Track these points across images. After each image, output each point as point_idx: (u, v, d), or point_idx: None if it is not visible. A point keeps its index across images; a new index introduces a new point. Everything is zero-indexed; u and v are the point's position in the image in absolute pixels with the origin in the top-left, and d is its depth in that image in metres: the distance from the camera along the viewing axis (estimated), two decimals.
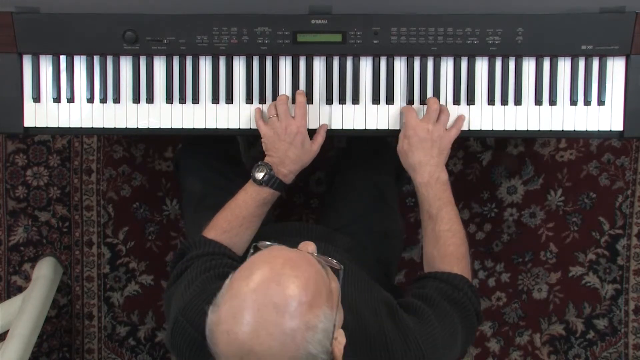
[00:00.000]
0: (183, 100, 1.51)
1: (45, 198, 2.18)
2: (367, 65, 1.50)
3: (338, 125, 1.51)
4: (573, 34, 1.46)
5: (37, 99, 1.52)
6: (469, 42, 1.47)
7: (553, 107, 1.50)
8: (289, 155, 1.44)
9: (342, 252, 1.47)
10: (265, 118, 1.48)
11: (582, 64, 1.49)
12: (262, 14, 1.46)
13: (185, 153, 1.77)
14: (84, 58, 1.51)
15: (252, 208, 1.44)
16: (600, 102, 1.50)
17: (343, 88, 1.51)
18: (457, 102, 1.51)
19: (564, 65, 1.49)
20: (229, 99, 1.51)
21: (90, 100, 1.52)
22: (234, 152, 1.88)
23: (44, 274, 2.08)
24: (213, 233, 1.42)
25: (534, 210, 2.19)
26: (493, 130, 1.52)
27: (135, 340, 2.24)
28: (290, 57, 1.50)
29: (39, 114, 1.52)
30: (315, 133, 1.49)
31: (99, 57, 1.51)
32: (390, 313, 1.27)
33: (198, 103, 1.52)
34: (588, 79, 1.49)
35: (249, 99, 1.51)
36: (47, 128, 1.53)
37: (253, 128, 1.51)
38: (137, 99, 1.51)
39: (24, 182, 2.18)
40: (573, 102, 1.50)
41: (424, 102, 1.49)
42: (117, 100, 1.52)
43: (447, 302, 1.33)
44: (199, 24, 1.47)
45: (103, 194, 2.18)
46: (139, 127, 1.53)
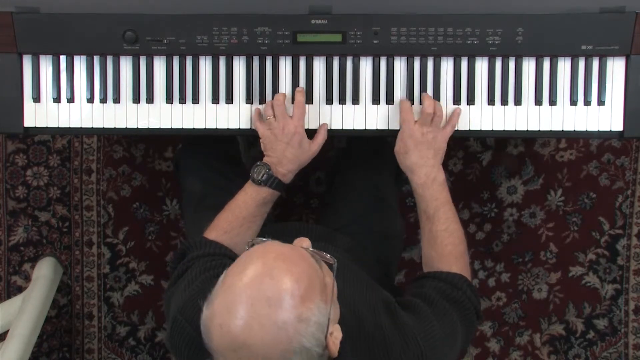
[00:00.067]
0: (183, 100, 1.51)
1: (45, 198, 2.18)
2: (367, 65, 1.50)
3: (338, 125, 1.51)
4: (573, 34, 1.46)
5: (37, 99, 1.52)
6: (469, 42, 1.47)
7: (553, 107, 1.50)
8: (287, 155, 1.44)
9: (342, 252, 1.47)
10: (264, 118, 1.48)
11: (582, 64, 1.49)
12: (262, 14, 1.46)
13: (185, 153, 1.77)
14: (84, 58, 1.51)
15: (252, 208, 1.44)
16: (600, 102, 1.50)
17: (343, 88, 1.51)
18: (457, 102, 1.50)
19: (564, 65, 1.49)
20: (229, 99, 1.51)
21: (90, 100, 1.52)
22: (234, 152, 1.88)
23: (44, 274, 2.08)
24: (214, 234, 1.42)
25: (534, 210, 2.19)
26: (493, 130, 1.52)
27: (135, 340, 2.24)
28: (290, 57, 1.50)
29: (39, 114, 1.52)
30: (316, 133, 1.49)
31: (99, 57, 1.51)
32: (389, 312, 1.27)
33: (198, 103, 1.52)
34: (588, 79, 1.49)
35: (249, 99, 1.51)
36: (47, 128, 1.53)
37: (253, 128, 1.51)
38: (137, 99, 1.51)
39: (24, 182, 2.18)
40: (573, 102, 1.50)
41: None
42: (117, 100, 1.52)
43: (446, 301, 1.33)
44: (199, 24, 1.47)
45: (103, 194, 2.18)
46: (139, 127, 1.52)
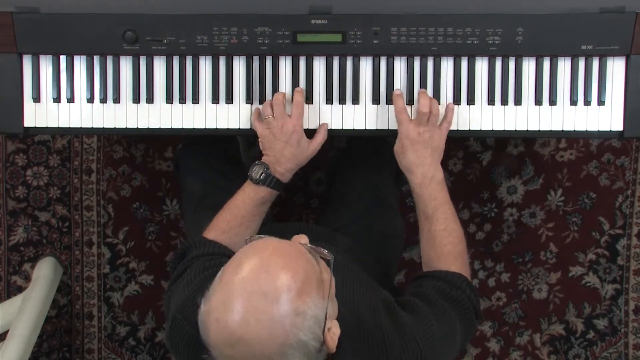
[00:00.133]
0: (183, 100, 1.51)
1: (45, 198, 2.18)
2: (367, 65, 1.50)
3: (338, 125, 1.51)
4: (573, 34, 1.46)
5: (37, 99, 1.52)
6: (469, 42, 1.47)
7: (553, 107, 1.50)
8: (285, 154, 1.44)
9: (342, 252, 1.47)
10: (262, 117, 1.48)
11: (582, 64, 1.49)
12: (262, 14, 1.46)
13: (185, 153, 1.77)
14: (84, 58, 1.51)
15: (250, 207, 1.44)
16: (600, 102, 1.50)
17: (343, 88, 1.51)
18: (457, 102, 1.50)
19: (564, 65, 1.49)
20: (229, 99, 1.51)
21: (90, 100, 1.52)
22: (234, 152, 1.88)
23: (44, 274, 2.08)
24: (213, 234, 1.42)
25: (534, 210, 2.19)
26: (493, 130, 1.52)
27: (135, 340, 2.24)
28: (290, 57, 1.50)
29: (39, 114, 1.52)
30: (316, 132, 1.49)
31: (99, 57, 1.51)
32: (388, 311, 1.27)
33: (198, 103, 1.52)
34: (588, 79, 1.49)
35: (249, 99, 1.51)
36: (47, 128, 1.53)
37: (253, 128, 1.51)
38: (137, 99, 1.51)
39: (24, 182, 2.18)
40: (573, 102, 1.50)
41: None
42: (117, 100, 1.52)
43: (445, 300, 1.33)
44: (199, 24, 1.47)
45: (103, 194, 2.18)
46: (139, 127, 1.52)
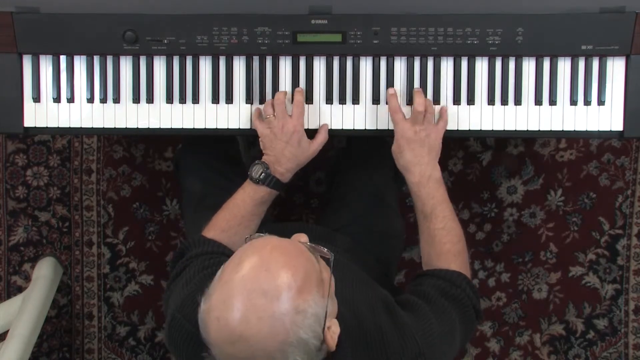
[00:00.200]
0: (183, 100, 1.51)
1: (45, 198, 2.18)
2: (367, 65, 1.50)
3: (338, 125, 1.51)
4: (573, 34, 1.46)
5: (37, 99, 1.52)
6: (469, 42, 1.47)
7: (553, 107, 1.50)
8: (285, 154, 1.44)
9: (342, 252, 1.47)
10: (263, 117, 1.48)
11: (582, 64, 1.49)
12: (262, 14, 1.46)
13: (185, 153, 1.77)
14: (84, 58, 1.51)
15: (250, 207, 1.44)
16: (600, 102, 1.50)
17: (343, 88, 1.51)
18: (457, 102, 1.50)
19: (564, 65, 1.49)
20: (229, 99, 1.51)
21: (90, 100, 1.52)
22: (234, 152, 1.88)
23: (44, 274, 2.08)
24: (212, 232, 1.42)
25: (534, 210, 2.19)
26: (493, 130, 1.52)
27: (135, 340, 2.24)
28: (290, 57, 1.50)
29: (39, 114, 1.52)
30: (317, 133, 1.49)
31: (99, 57, 1.51)
32: (388, 310, 1.27)
33: (198, 103, 1.52)
34: (588, 79, 1.49)
35: (249, 99, 1.51)
36: (47, 128, 1.53)
37: (253, 128, 1.51)
38: (137, 99, 1.51)
39: (24, 182, 2.18)
40: (573, 102, 1.50)
41: None
42: (117, 100, 1.52)
43: (444, 298, 1.33)
44: (199, 24, 1.47)
45: (103, 194, 2.18)
46: (139, 127, 1.53)
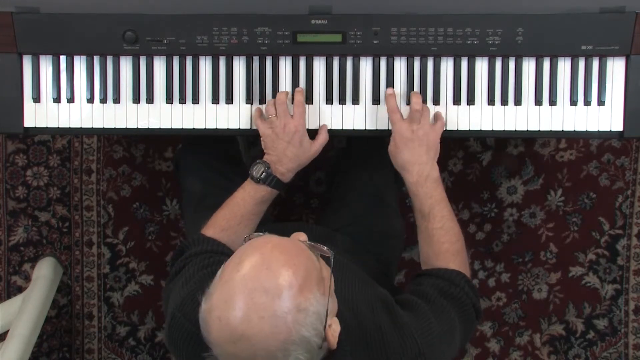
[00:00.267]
0: (183, 101, 1.51)
1: (45, 198, 2.18)
2: (367, 65, 1.50)
3: (338, 125, 1.51)
4: (573, 34, 1.46)
5: (37, 99, 1.52)
6: (469, 42, 1.47)
7: (553, 107, 1.50)
8: (287, 154, 1.44)
9: (342, 252, 1.47)
10: (265, 117, 1.48)
11: (582, 64, 1.49)
12: (262, 14, 1.46)
13: (185, 153, 1.77)
14: (84, 58, 1.51)
15: (250, 206, 1.44)
16: (600, 102, 1.50)
17: (343, 88, 1.51)
18: (457, 102, 1.50)
19: (564, 65, 1.49)
20: (229, 99, 1.51)
21: (90, 101, 1.52)
22: (234, 152, 1.88)
23: (44, 274, 2.08)
24: (212, 231, 1.42)
25: (534, 210, 2.19)
26: (493, 130, 1.52)
27: (135, 340, 2.24)
28: (290, 57, 1.50)
29: (39, 114, 1.52)
30: (317, 134, 1.49)
31: (99, 57, 1.51)
32: (387, 310, 1.27)
33: (198, 103, 1.52)
34: (588, 79, 1.49)
35: (249, 99, 1.51)
36: (47, 128, 1.53)
37: (253, 128, 1.51)
38: (137, 99, 1.51)
39: (24, 182, 2.18)
40: (573, 102, 1.50)
41: (423, 101, 1.49)
42: (117, 101, 1.52)
43: (443, 297, 1.33)
44: (199, 24, 1.47)
45: (103, 194, 2.18)
46: (139, 127, 1.53)
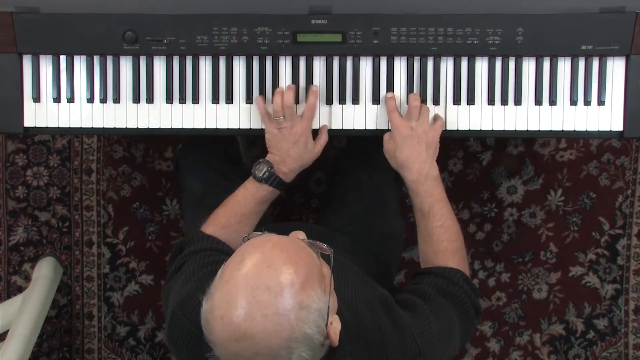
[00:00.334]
0: (183, 100, 1.51)
1: (45, 198, 2.18)
2: (367, 65, 1.50)
3: (338, 125, 1.51)
4: (573, 34, 1.46)
5: (37, 99, 1.52)
6: (469, 42, 1.47)
7: (553, 107, 1.50)
8: (291, 155, 1.44)
9: (342, 252, 1.47)
10: (273, 116, 1.46)
11: (582, 64, 1.49)
12: (262, 14, 1.46)
13: (185, 153, 1.77)
14: (84, 58, 1.51)
15: (251, 205, 1.44)
16: (600, 102, 1.50)
17: (343, 88, 1.51)
18: (457, 102, 1.50)
19: (564, 65, 1.49)
20: (229, 99, 1.51)
21: (90, 100, 1.52)
22: (234, 152, 1.88)
23: (44, 274, 2.08)
24: (211, 228, 1.42)
25: (534, 210, 2.19)
26: (493, 130, 1.51)
27: (135, 340, 2.24)
28: (290, 57, 1.50)
29: (39, 114, 1.52)
30: (317, 135, 1.49)
31: (99, 57, 1.51)
32: (387, 309, 1.28)
33: (198, 103, 1.52)
34: (588, 79, 1.49)
35: (249, 99, 1.51)
36: (47, 128, 1.53)
37: (253, 128, 1.51)
38: (137, 99, 1.51)
39: (24, 182, 2.18)
40: (573, 102, 1.50)
41: (423, 101, 1.49)
42: (117, 100, 1.52)
43: (442, 296, 1.33)
44: (199, 24, 1.47)
45: (103, 194, 2.18)
46: (139, 127, 1.52)
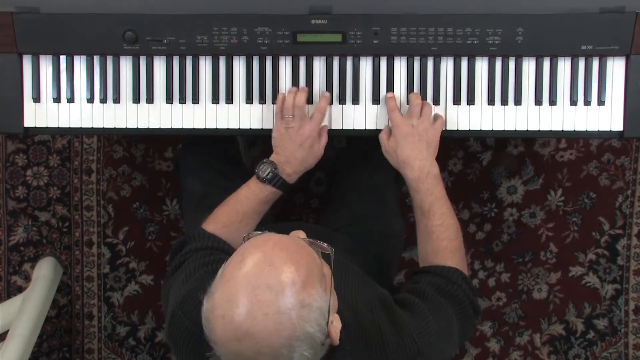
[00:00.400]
0: (183, 100, 1.51)
1: (45, 198, 2.18)
2: (367, 65, 1.50)
3: (338, 125, 1.51)
4: (573, 34, 1.46)
5: (37, 99, 1.52)
6: (469, 42, 1.47)
7: (553, 107, 1.50)
8: (297, 156, 1.44)
9: (341, 252, 1.47)
10: (283, 116, 1.46)
11: (582, 64, 1.49)
12: (262, 14, 1.46)
13: (185, 153, 1.77)
14: (84, 58, 1.51)
15: (253, 204, 1.44)
16: (600, 102, 1.50)
17: (343, 88, 1.51)
18: (457, 102, 1.50)
19: (564, 65, 1.49)
20: (229, 99, 1.51)
21: (90, 100, 1.52)
22: (234, 152, 1.88)
23: (44, 274, 2.08)
24: (212, 227, 1.42)
25: (534, 210, 2.19)
26: (493, 130, 1.51)
27: (135, 340, 2.24)
28: (290, 57, 1.50)
29: (39, 114, 1.52)
30: (318, 135, 1.49)
31: (99, 57, 1.51)
32: (386, 309, 1.28)
33: (198, 103, 1.52)
34: (588, 79, 1.49)
35: (249, 99, 1.51)
36: (47, 128, 1.53)
37: (253, 128, 1.51)
38: (137, 99, 1.51)
39: (24, 182, 2.18)
40: (573, 102, 1.50)
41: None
42: (117, 100, 1.52)
43: (440, 295, 1.33)
44: (199, 24, 1.47)
45: (103, 194, 2.18)
46: (139, 127, 1.52)
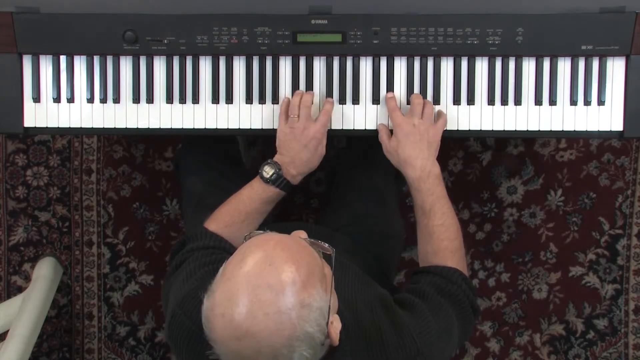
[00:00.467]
0: (183, 100, 1.51)
1: (45, 198, 2.18)
2: (367, 65, 1.50)
3: (338, 125, 1.51)
4: (573, 34, 1.46)
5: (37, 99, 1.52)
6: (469, 42, 1.47)
7: (553, 107, 1.50)
8: (301, 157, 1.44)
9: (342, 252, 1.47)
10: (289, 115, 1.46)
11: (582, 64, 1.49)
12: (262, 14, 1.46)
13: (185, 153, 1.77)
14: (84, 58, 1.51)
15: (256, 204, 1.44)
16: (600, 102, 1.50)
17: (343, 88, 1.51)
18: (457, 102, 1.50)
19: (564, 65, 1.49)
20: (229, 99, 1.51)
21: (90, 101, 1.52)
22: (234, 152, 1.88)
23: (44, 274, 2.08)
24: (214, 225, 1.42)
25: (534, 210, 2.19)
26: (493, 130, 1.52)
27: (135, 340, 2.24)
28: (290, 57, 1.50)
29: (39, 114, 1.52)
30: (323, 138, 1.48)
31: (99, 57, 1.51)
32: (386, 309, 1.28)
33: (198, 103, 1.52)
34: (588, 79, 1.49)
35: (249, 99, 1.51)
36: (47, 128, 1.53)
37: (253, 128, 1.51)
38: (137, 99, 1.51)
39: (24, 182, 2.18)
40: (573, 102, 1.50)
41: None
42: (117, 100, 1.52)
43: (440, 295, 1.33)
44: (199, 24, 1.47)
45: (103, 194, 2.18)
46: (139, 127, 1.52)
